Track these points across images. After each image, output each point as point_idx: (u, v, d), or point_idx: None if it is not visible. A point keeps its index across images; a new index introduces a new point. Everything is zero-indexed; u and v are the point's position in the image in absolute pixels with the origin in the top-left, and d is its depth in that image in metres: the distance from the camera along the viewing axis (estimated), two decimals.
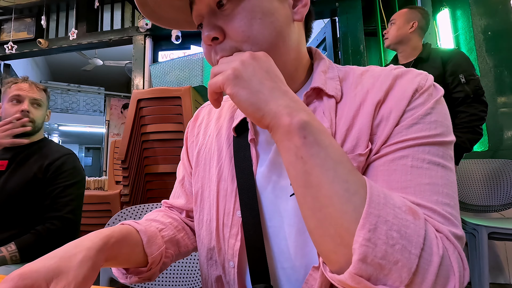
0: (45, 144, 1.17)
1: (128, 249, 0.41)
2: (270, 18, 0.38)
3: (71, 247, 0.34)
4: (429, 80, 0.38)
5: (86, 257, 0.33)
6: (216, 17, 0.39)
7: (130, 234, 0.42)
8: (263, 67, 0.34)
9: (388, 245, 0.26)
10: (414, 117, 0.35)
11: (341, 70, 0.45)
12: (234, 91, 0.32)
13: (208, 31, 0.38)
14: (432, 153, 0.33)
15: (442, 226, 0.30)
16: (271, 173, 0.43)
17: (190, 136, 0.57)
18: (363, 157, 0.36)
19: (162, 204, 0.60)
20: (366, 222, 0.26)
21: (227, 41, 0.39)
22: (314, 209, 0.29)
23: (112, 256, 0.38)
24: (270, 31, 0.38)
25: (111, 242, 0.37)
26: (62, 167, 1.10)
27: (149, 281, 0.45)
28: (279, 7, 0.39)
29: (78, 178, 1.13)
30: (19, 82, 1.12)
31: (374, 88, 0.39)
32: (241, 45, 0.38)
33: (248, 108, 0.32)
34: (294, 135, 0.30)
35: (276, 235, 0.41)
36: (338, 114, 0.40)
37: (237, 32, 0.38)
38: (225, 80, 0.33)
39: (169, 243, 0.49)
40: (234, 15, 0.38)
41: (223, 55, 0.38)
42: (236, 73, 0.33)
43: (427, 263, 0.26)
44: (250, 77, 0.33)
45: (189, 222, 0.56)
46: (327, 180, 0.28)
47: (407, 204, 0.29)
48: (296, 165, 0.30)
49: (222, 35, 0.39)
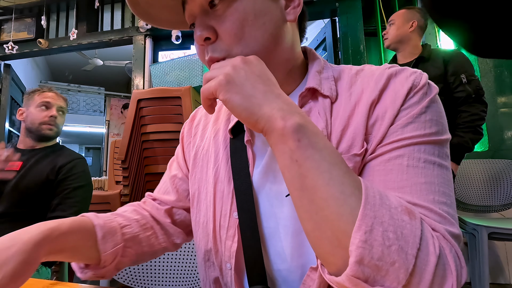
0: (58, 149, 1.26)
1: (78, 242, 0.39)
2: (262, 20, 0.38)
3: (5, 240, 0.33)
4: (423, 78, 0.38)
5: (19, 250, 0.32)
6: (208, 17, 0.39)
7: (83, 228, 0.41)
8: (254, 71, 0.34)
9: (385, 246, 0.26)
10: (409, 116, 0.35)
11: (336, 70, 0.45)
12: (227, 97, 0.32)
13: (201, 31, 0.38)
14: (427, 152, 0.33)
15: (439, 225, 0.30)
16: (267, 174, 0.42)
17: (187, 137, 0.57)
18: (358, 157, 0.36)
19: (145, 196, 0.58)
20: (362, 224, 0.26)
21: (219, 42, 0.38)
22: (310, 212, 0.29)
23: (56, 250, 0.36)
24: (262, 32, 0.38)
25: (54, 235, 0.36)
26: (73, 170, 1.17)
27: (103, 278, 0.44)
28: (272, 8, 0.39)
29: (86, 182, 1.20)
30: (46, 91, 1.24)
31: (368, 87, 0.39)
32: (232, 47, 0.38)
33: (241, 113, 0.32)
34: (288, 138, 0.30)
35: (272, 236, 0.41)
36: (333, 114, 0.40)
37: (228, 34, 0.38)
38: (217, 86, 0.33)
39: (130, 241, 0.47)
40: (226, 16, 0.37)
41: (213, 56, 0.38)
42: (228, 79, 0.32)
43: (424, 263, 0.26)
44: (242, 82, 0.32)
45: (163, 220, 0.53)
46: (322, 182, 0.28)
47: (403, 204, 0.29)
48: (291, 168, 0.30)
49: (214, 35, 0.38)
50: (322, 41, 2.74)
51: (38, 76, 6.34)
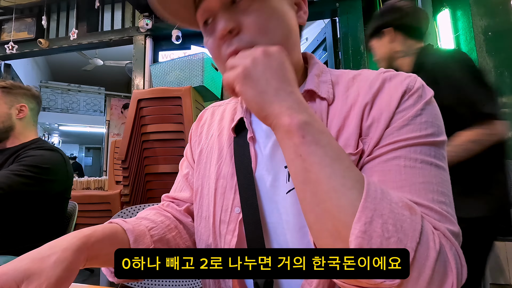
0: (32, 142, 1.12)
1: (111, 248, 0.40)
2: (286, 16, 0.41)
3: (45, 248, 0.34)
4: (418, 82, 0.39)
5: (60, 258, 0.33)
6: (231, 11, 0.40)
7: (115, 233, 0.42)
8: (273, 65, 0.34)
9: (384, 237, 0.26)
10: (405, 119, 0.36)
11: (334, 74, 0.46)
12: (242, 90, 0.34)
13: (225, 22, 0.39)
14: (424, 153, 0.34)
15: (439, 223, 0.30)
16: (269, 170, 0.44)
17: (194, 136, 0.59)
18: (354, 157, 0.37)
19: (162, 199, 0.59)
20: (362, 216, 0.27)
21: (243, 34, 0.39)
22: (312, 204, 0.31)
23: (93, 256, 0.37)
24: (285, 28, 0.41)
25: (91, 241, 0.37)
26: (27, 152, 1.04)
27: (136, 281, 0.46)
28: (290, 10, 0.43)
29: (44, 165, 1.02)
30: None
31: (363, 90, 0.40)
32: (258, 39, 0.39)
33: (253, 106, 0.34)
34: (293, 134, 0.31)
35: (275, 231, 0.42)
36: (330, 116, 0.41)
37: (255, 26, 0.39)
38: (235, 77, 0.35)
39: (159, 242, 0.48)
40: (252, 10, 0.39)
41: (240, 46, 0.39)
42: (246, 73, 0.34)
43: (424, 258, 0.27)
44: (258, 77, 0.34)
45: (184, 219, 0.55)
46: (324, 176, 0.30)
47: (404, 200, 0.29)
48: (296, 163, 0.32)
49: (238, 28, 0.39)
50: (322, 41, 2.74)
51: (38, 76, 6.34)
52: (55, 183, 1.08)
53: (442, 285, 0.27)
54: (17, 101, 1.13)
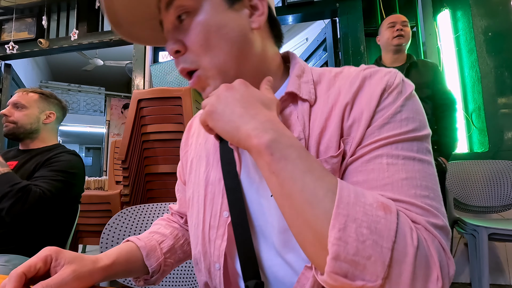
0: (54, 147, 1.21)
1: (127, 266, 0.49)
2: (224, 30, 0.40)
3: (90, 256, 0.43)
4: (397, 77, 0.38)
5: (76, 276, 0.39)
6: (178, 31, 0.42)
7: (132, 252, 0.51)
8: (235, 96, 0.37)
9: (359, 241, 0.27)
10: (385, 117, 0.36)
11: (316, 73, 0.46)
12: (212, 125, 0.37)
13: (171, 44, 0.41)
14: (406, 149, 0.34)
15: (420, 217, 0.30)
16: (254, 174, 0.44)
17: (184, 146, 0.61)
18: (336, 159, 0.37)
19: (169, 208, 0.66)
20: (336, 223, 0.28)
21: (188, 54, 0.41)
22: (292, 217, 0.32)
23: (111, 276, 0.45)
24: (226, 42, 0.40)
25: (113, 269, 0.46)
26: (59, 156, 1.13)
27: (153, 284, 0.55)
28: (233, 18, 0.41)
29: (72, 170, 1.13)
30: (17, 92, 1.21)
31: (344, 89, 0.40)
32: (201, 58, 0.41)
33: (226, 136, 0.36)
34: (263, 153, 0.33)
35: (262, 233, 0.43)
36: (312, 117, 0.41)
37: (195, 46, 0.41)
38: (205, 116, 0.38)
39: (169, 253, 0.56)
40: (191, 29, 0.40)
41: (184, 67, 0.42)
42: (212, 109, 0.37)
43: (402, 255, 0.27)
44: (223, 110, 0.36)
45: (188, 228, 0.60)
46: (297, 190, 0.30)
47: (380, 200, 0.30)
48: (271, 179, 0.33)
49: (183, 48, 0.41)
50: (322, 42, 2.74)
51: (39, 76, 6.34)
52: (77, 187, 1.18)
53: (428, 279, 0.27)
54: (48, 108, 1.26)
